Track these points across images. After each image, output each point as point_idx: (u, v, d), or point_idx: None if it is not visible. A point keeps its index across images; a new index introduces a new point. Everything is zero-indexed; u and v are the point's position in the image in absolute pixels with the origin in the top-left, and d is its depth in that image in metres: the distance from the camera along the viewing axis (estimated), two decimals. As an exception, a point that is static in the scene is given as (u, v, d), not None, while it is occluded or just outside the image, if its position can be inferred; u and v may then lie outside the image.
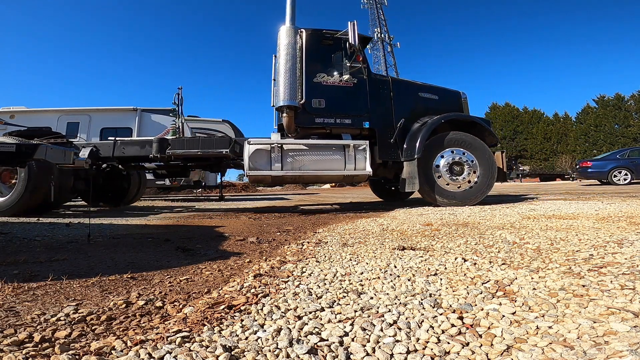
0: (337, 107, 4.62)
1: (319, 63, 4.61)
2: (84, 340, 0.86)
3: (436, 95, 5.12)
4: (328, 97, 4.59)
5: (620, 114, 40.15)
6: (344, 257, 1.77)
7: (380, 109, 4.76)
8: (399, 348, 0.78)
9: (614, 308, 0.93)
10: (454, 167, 4.56)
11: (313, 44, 4.63)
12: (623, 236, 1.97)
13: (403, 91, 4.97)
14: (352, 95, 4.67)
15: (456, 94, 5.30)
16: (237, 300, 1.13)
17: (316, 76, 4.56)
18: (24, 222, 3.78)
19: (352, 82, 4.65)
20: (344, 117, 4.62)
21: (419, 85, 5.10)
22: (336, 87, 4.61)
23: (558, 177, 30.41)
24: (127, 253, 2.02)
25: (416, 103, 4.99)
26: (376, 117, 4.71)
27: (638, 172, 11.45)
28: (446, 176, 4.55)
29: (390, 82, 4.91)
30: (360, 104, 4.68)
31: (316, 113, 4.54)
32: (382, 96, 4.80)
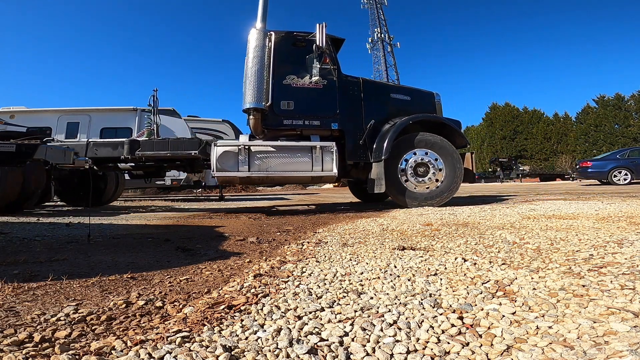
0: (306, 109, 4.64)
1: (289, 65, 4.64)
2: (84, 340, 0.86)
3: (408, 96, 5.14)
4: (297, 99, 4.62)
5: (620, 114, 40.15)
6: (344, 257, 1.77)
7: (349, 110, 4.78)
8: (399, 348, 0.78)
9: (614, 308, 0.93)
10: (420, 168, 4.62)
11: (283, 46, 4.66)
12: (623, 236, 1.97)
13: (374, 92, 4.98)
14: (321, 97, 4.68)
15: (430, 95, 5.31)
16: (237, 300, 1.13)
17: (286, 78, 4.59)
18: (24, 222, 3.78)
19: (321, 83, 4.66)
20: (312, 118, 4.64)
21: (391, 86, 5.20)
22: (305, 89, 4.64)
23: (558, 177, 30.41)
24: (127, 253, 2.02)
25: (387, 104, 5.00)
26: (345, 119, 4.73)
27: (638, 172, 11.45)
28: (411, 177, 4.62)
29: (361, 83, 4.91)
30: (329, 105, 4.69)
31: (284, 115, 4.57)
32: (352, 97, 4.82)
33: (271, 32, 4.60)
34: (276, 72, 4.54)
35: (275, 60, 4.55)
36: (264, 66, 4.34)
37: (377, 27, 54.31)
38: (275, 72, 4.53)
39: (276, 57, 4.56)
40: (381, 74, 54.62)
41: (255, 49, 4.34)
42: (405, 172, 4.61)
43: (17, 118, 9.42)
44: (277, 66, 4.55)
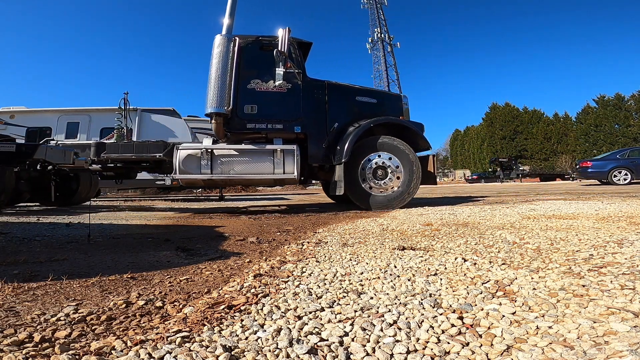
0: (269, 113, 4.70)
1: (255, 69, 4.70)
2: (84, 340, 0.86)
3: (375, 99, 5.17)
4: (261, 103, 4.68)
5: (621, 113, 40.17)
6: (344, 257, 1.77)
7: (313, 113, 4.83)
8: (399, 348, 0.78)
9: (614, 308, 0.93)
10: (379, 171, 4.68)
11: (249, 51, 4.73)
12: (623, 236, 1.97)
13: (339, 95, 5.02)
14: (284, 101, 4.74)
15: (397, 98, 5.36)
16: (237, 300, 1.13)
17: (250, 82, 4.65)
18: (24, 222, 3.78)
19: (285, 87, 4.72)
20: (275, 122, 4.70)
21: (357, 89, 5.15)
22: (269, 93, 4.70)
23: (558, 177, 30.42)
24: (127, 253, 2.02)
25: (353, 107, 5.03)
26: (309, 122, 4.78)
27: (638, 172, 11.45)
28: (371, 180, 4.67)
29: (326, 87, 4.96)
30: (292, 109, 4.75)
31: (248, 119, 4.64)
32: (316, 101, 4.87)
33: (237, 37, 4.68)
34: (241, 76, 4.63)
35: (240, 65, 4.64)
36: (226, 72, 4.42)
37: (377, 27, 54.32)
38: (239, 77, 4.62)
39: (241, 62, 4.66)
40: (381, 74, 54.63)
41: (218, 55, 4.42)
42: (365, 175, 4.69)
43: (17, 118, 9.43)
44: (241, 71, 4.64)
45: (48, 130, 9.21)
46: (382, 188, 4.68)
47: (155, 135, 8.44)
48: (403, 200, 4.69)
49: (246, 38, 4.72)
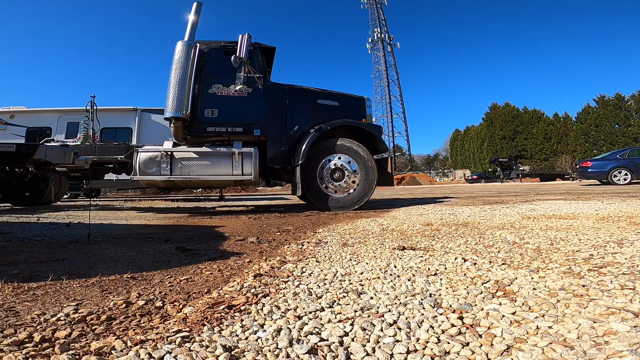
0: (229, 117, 4.80)
1: (216, 74, 4.80)
2: (84, 340, 0.86)
3: (337, 101, 5.23)
4: (221, 107, 4.79)
5: (621, 113, 40.16)
6: (344, 257, 1.77)
7: (274, 116, 4.93)
8: (399, 348, 0.78)
9: (614, 308, 0.93)
10: (337, 172, 4.77)
11: (210, 57, 4.83)
12: (623, 236, 1.97)
13: (300, 99, 5.11)
14: (245, 105, 4.84)
15: (360, 101, 5.40)
16: (237, 300, 1.13)
17: (212, 87, 4.76)
18: (24, 222, 3.78)
19: (246, 92, 4.82)
20: (235, 125, 4.81)
21: (319, 93, 5.22)
22: (230, 97, 4.80)
23: (558, 177, 30.43)
24: (127, 253, 2.02)
25: (314, 110, 5.10)
26: (269, 125, 4.89)
27: (638, 172, 11.45)
28: (329, 181, 4.76)
29: (287, 90, 5.05)
30: (252, 112, 4.85)
31: (208, 122, 4.75)
32: (277, 104, 4.97)
33: (199, 42, 4.78)
34: (202, 81, 4.74)
35: (202, 70, 4.75)
36: (186, 77, 4.52)
37: (377, 27, 54.35)
38: (201, 82, 4.74)
39: (203, 67, 4.77)
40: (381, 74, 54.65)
41: (179, 61, 4.52)
42: (323, 177, 4.77)
43: (17, 118, 9.43)
44: (203, 76, 4.76)
45: (48, 130, 9.21)
46: (340, 189, 4.77)
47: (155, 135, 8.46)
48: (360, 201, 4.79)
49: (209, 44, 4.86)
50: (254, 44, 4.87)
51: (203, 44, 4.80)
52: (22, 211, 5.43)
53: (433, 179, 40.79)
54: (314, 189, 4.75)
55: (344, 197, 4.75)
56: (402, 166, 54.80)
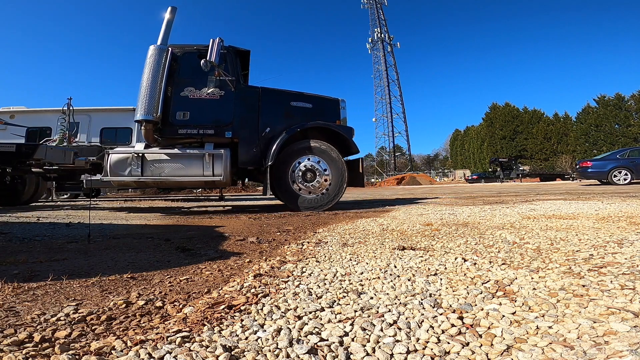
0: (201, 119, 4.88)
1: (189, 77, 4.87)
2: (84, 340, 0.86)
3: (310, 103, 5.28)
4: (193, 110, 4.86)
5: (621, 113, 40.16)
6: (344, 257, 1.77)
7: (246, 119, 4.99)
8: (399, 348, 0.78)
9: (614, 308, 0.93)
10: (308, 173, 4.82)
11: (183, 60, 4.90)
12: (623, 236, 1.97)
13: (273, 101, 5.17)
14: (216, 107, 4.91)
15: (334, 102, 5.43)
16: (237, 300, 1.13)
17: (184, 90, 4.84)
18: (24, 222, 3.78)
19: (219, 94, 4.89)
20: (207, 127, 4.88)
21: (292, 95, 5.27)
22: (202, 100, 4.88)
23: (558, 177, 30.43)
24: (127, 253, 2.02)
25: (287, 112, 5.16)
26: (240, 127, 4.95)
27: (638, 172, 11.44)
28: (300, 182, 4.81)
29: (260, 93, 5.11)
30: (224, 115, 4.92)
31: (180, 125, 4.83)
32: (249, 107, 5.03)
33: (173, 46, 4.85)
34: (174, 84, 4.81)
35: (174, 74, 4.82)
36: (156, 80, 4.59)
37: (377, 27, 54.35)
38: (173, 85, 4.81)
39: (176, 71, 4.84)
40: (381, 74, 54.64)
41: (150, 65, 4.59)
42: (295, 177, 4.83)
43: (17, 118, 9.43)
44: (175, 79, 4.83)
45: (48, 130, 9.21)
46: (311, 190, 4.82)
47: None
48: (331, 201, 4.84)
49: (183, 47, 4.93)
50: (227, 47, 4.97)
51: (177, 48, 4.90)
52: (22, 211, 5.43)
53: (433, 179, 40.79)
54: (284, 190, 4.83)
55: (315, 197, 4.81)
56: (402, 166, 54.82)
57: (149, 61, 4.59)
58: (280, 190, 4.84)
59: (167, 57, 4.68)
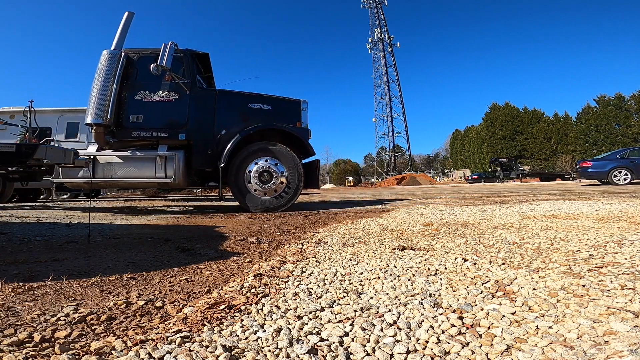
0: (155, 122, 4.94)
1: (144, 81, 4.92)
2: (84, 340, 0.86)
3: (270, 105, 5.31)
4: (147, 113, 4.92)
5: (621, 113, 40.16)
6: (344, 257, 1.77)
7: (200, 121, 5.03)
8: (399, 348, 0.78)
9: (614, 308, 0.93)
10: (264, 175, 4.85)
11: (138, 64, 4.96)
12: (623, 236, 1.97)
13: (229, 103, 5.21)
14: (171, 110, 4.97)
15: (295, 103, 5.45)
16: (237, 300, 1.13)
17: (138, 93, 4.90)
18: (24, 222, 3.78)
19: (173, 97, 4.94)
20: (160, 130, 4.93)
21: (250, 97, 5.29)
22: (156, 103, 4.94)
23: (558, 177, 30.44)
24: (127, 253, 2.02)
25: (244, 114, 5.18)
26: (195, 130, 4.99)
27: (638, 172, 11.44)
28: (256, 184, 4.84)
29: (216, 95, 5.15)
30: (178, 117, 4.97)
31: (133, 127, 4.90)
32: (204, 109, 5.07)
33: (129, 50, 4.91)
34: (129, 88, 4.87)
35: (129, 78, 4.88)
36: (108, 85, 4.64)
37: (377, 27, 54.37)
38: (127, 89, 4.86)
39: (129, 75, 4.90)
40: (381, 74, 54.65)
41: (101, 69, 4.64)
42: (251, 179, 4.85)
43: (17, 118, 9.42)
44: (131, 83, 4.89)
45: (48, 130, 9.20)
46: (267, 191, 4.85)
47: None
48: (287, 202, 4.87)
49: (139, 52, 5.00)
50: (185, 50, 5.04)
51: (133, 52, 4.96)
52: (22, 211, 5.43)
53: (433, 179, 40.80)
54: (240, 191, 4.85)
55: (271, 198, 4.84)
56: (402, 166, 54.85)
57: (101, 66, 4.66)
58: (236, 190, 4.86)
59: (120, 62, 4.74)
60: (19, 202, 9.27)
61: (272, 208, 4.80)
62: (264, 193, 4.83)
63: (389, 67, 54.53)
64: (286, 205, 4.87)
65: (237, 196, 4.88)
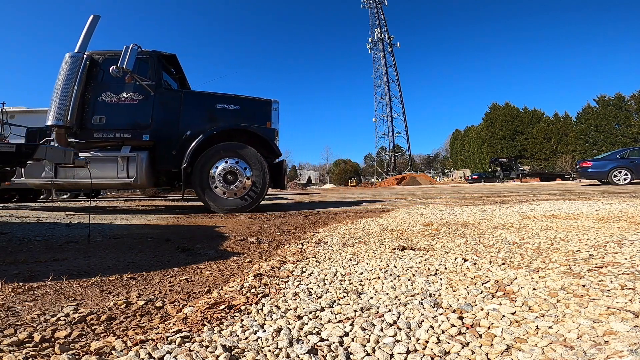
0: (117, 123, 4.96)
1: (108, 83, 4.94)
2: (84, 340, 0.86)
3: (237, 105, 5.30)
4: (110, 114, 4.95)
5: (621, 113, 40.17)
6: (344, 257, 1.77)
7: (165, 122, 5.04)
8: (399, 348, 0.78)
9: (614, 308, 0.93)
10: (229, 175, 4.85)
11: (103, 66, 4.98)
12: (623, 236, 1.97)
13: (196, 104, 5.22)
14: (134, 111, 4.99)
15: (265, 103, 5.44)
16: (237, 300, 1.13)
17: (102, 95, 4.94)
18: (23, 222, 3.78)
19: (137, 99, 4.97)
20: (124, 131, 4.95)
21: (217, 97, 5.29)
22: (120, 105, 4.97)
23: (558, 177, 30.46)
24: (127, 253, 2.02)
25: (211, 115, 5.18)
26: (159, 130, 4.99)
27: (638, 172, 11.44)
28: (221, 184, 4.83)
29: (182, 96, 5.16)
30: (141, 118, 4.98)
31: (96, 129, 4.92)
32: (169, 110, 5.08)
33: (94, 53, 4.95)
34: (92, 90, 4.90)
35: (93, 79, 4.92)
36: (69, 87, 4.65)
37: (377, 27, 54.38)
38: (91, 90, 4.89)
39: (93, 76, 4.94)
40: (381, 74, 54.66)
41: (63, 72, 4.66)
42: (216, 179, 4.84)
43: (17, 118, 9.42)
44: (95, 84, 4.92)
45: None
46: (232, 192, 4.83)
47: None
48: (253, 203, 4.86)
49: (104, 54, 5.03)
50: (150, 52, 5.07)
51: (98, 54, 5.00)
52: (22, 211, 5.43)
53: (433, 179, 40.81)
54: (205, 191, 4.84)
55: (235, 199, 4.83)
56: (402, 166, 54.85)
57: (63, 68, 4.68)
58: (201, 191, 4.85)
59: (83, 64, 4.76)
60: (19, 202, 9.26)
61: (237, 209, 4.79)
62: (228, 193, 4.82)
63: (389, 67, 54.54)
64: (251, 206, 4.86)
65: (201, 196, 4.87)
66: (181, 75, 6.03)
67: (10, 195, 9.15)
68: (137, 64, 4.90)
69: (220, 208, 4.78)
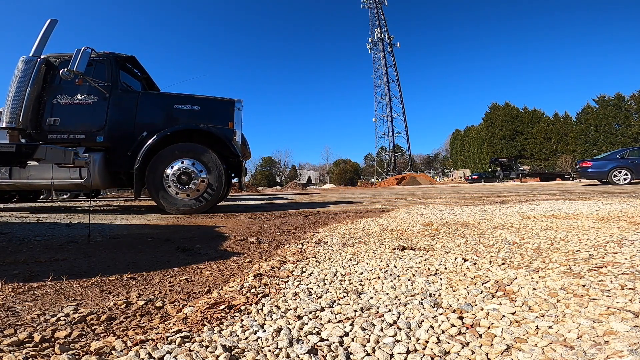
0: (71, 125, 4.99)
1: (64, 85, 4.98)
2: (84, 340, 0.86)
3: (198, 106, 5.26)
4: (64, 116, 4.98)
5: (621, 113, 40.17)
6: (344, 257, 1.77)
7: (120, 123, 5.05)
8: (399, 348, 0.78)
9: (614, 308, 0.93)
10: (184, 176, 4.83)
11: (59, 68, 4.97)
12: (623, 236, 1.97)
13: (152, 105, 5.24)
14: (88, 113, 5.01)
15: (227, 103, 5.39)
16: (237, 300, 1.13)
17: (57, 97, 4.97)
18: (24, 222, 3.78)
19: (92, 100, 5.00)
20: (77, 133, 4.97)
21: (176, 97, 5.26)
22: (74, 107, 5.00)
23: (558, 177, 30.46)
24: (127, 253, 2.02)
25: (169, 116, 5.17)
26: (113, 132, 5.01)
27: (638, 172, 11.44)
28: (175, 185, 4.81)
29: (139, 97, 5.18)
30: (95, 120, 5.00)
31: (50, 130, 4.95)
32: (124, 111, 5.09)
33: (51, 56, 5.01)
34: (47, 92, 4.94)
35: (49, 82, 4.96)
36: (22, 90, 4.69)
37: (377, 27, 54.38)
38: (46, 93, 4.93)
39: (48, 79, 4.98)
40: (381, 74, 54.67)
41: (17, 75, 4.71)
42: (170, 180, 4.83)
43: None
44: (50, 87, 4.96)
45: None
46: (187, 193, 4.82)
47: None
48: (209, 204, 4.85)
49: (61, 57, 5.06)
50: (107, 54, 5.09)
51: (54, 57, 5.04)
52: (22, 211, 5.44)
53: (433, 179, 40.83)
54: (159, 192, 4.82)
55: (190, 200, 4.81)
56: (402, 166, 54.86)
57: (16, 71, 4.71)
58: (155, 192, 4.83)
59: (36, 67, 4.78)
60: (19, 202, 9.26)
61: (192, 210, 4.77)
62: (183, 194, 4.80)
63: (389, 67, 54.55)
64: (207, 207, 4.82)
65: (154, 197, 4.85)
66: (146, 77, 6.04)
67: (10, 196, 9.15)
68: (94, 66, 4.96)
69: (174, 209, 4.76)
